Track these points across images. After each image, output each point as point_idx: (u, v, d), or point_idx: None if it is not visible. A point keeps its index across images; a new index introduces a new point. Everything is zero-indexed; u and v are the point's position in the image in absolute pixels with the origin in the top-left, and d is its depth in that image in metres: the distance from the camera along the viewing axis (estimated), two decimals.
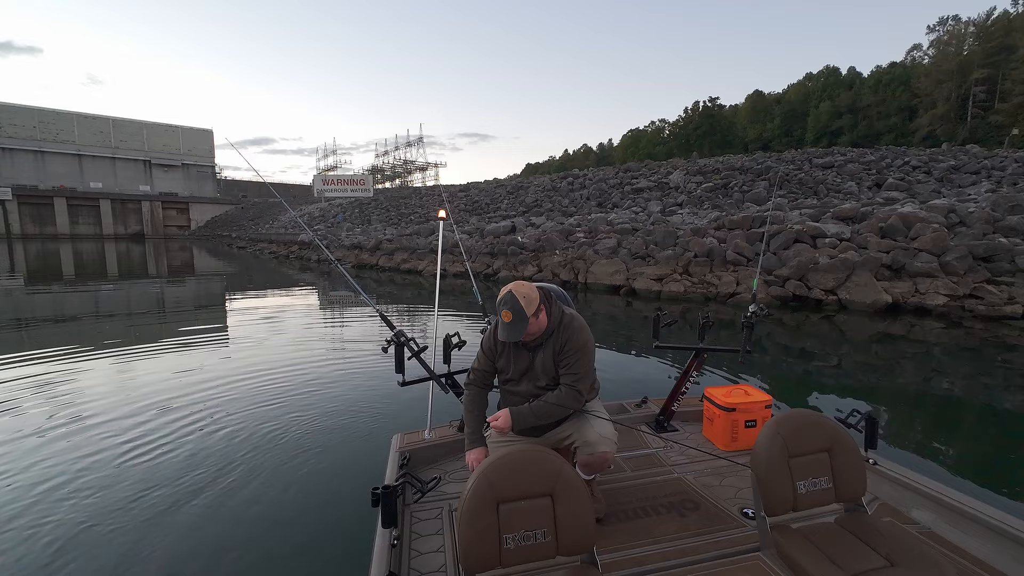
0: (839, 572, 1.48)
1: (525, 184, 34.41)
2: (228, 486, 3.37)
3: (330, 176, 70.06)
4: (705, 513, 2.16)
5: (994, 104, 45.57)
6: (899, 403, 5.25)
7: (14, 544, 2.80)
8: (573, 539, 1.49)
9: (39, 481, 3.48)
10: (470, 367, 2.23)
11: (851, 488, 1.73)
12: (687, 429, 3.11)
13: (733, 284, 10.88)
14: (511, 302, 1.92)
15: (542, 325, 2.01)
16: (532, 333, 1.99)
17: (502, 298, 1.96)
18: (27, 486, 3.42)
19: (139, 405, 4.92)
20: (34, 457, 3.85)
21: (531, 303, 1.92)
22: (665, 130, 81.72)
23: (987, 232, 10.72)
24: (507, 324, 1.92)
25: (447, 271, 16.05)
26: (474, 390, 2.17)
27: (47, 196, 67.34)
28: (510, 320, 1.91)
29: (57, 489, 3.37)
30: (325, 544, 2.73)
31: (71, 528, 2.93)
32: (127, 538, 2.85)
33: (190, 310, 12.10)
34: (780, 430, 1.71)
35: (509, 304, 1.92)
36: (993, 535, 1.76)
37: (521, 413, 1.99)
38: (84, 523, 2.97)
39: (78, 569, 2.58)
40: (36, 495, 3.31)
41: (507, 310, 1.92)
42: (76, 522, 2.99)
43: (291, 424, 4.42)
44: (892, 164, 22.43)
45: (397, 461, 2.46)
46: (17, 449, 3.99)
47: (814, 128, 58.42)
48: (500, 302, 1.97)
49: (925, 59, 55.22)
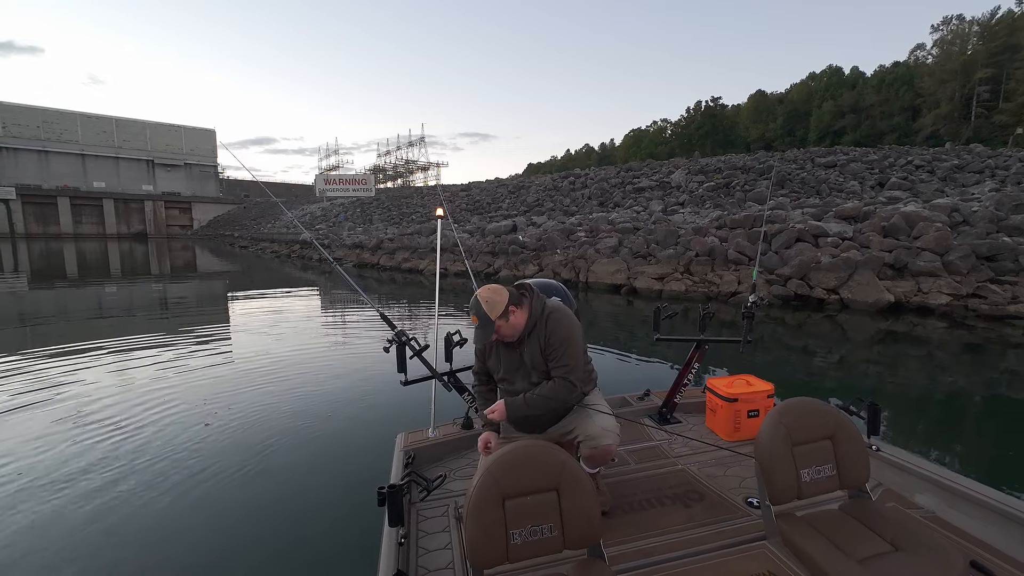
0: (845, 558, 1.48)
1: (527, 183, 34.41)
2: (233, 486, 3.38)
3: (332, 176, 70.24)
4: (710, 504, 2.16)
5: (998, 104, 45.38)
6: (901, 395, 5.25)
7: (18, 540, 2.82)
8: (579, 533, 1.49)
9: (39, 477, 3.51)
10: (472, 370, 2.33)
11: (855, 475, 1.73)
12: (690, 420, 3.11)
13: (734, 283, 10.86)
14: (476, 307, 2.00)
15: (518, 323, 2.02)
16: (507, 334, 2.03)
17: (470, 303, 2.05)
18: (26, 484, 3.44)
19: (142, 405, 4.93)
20: (34, 455, 3.88)
21: (495, 307, 1.97)
22: (667, 130, 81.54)
23: (991, 231, 10.68)
24: (476, 328, 2.03)
25: (448, 270, 16.06)
26: (480, 390, 2.31)
27: (51, 196, 67.61)
28: (477, 324, 2.01)
29: (58, 488, 3.39)
30: (332, 543, 2.74)
31: (76, 526, 2.95)
32: (132, 536, 2.86)
33: (192, 310, 12.13)
34: (783, 419, 1.71)
35: (475, 309, 2.01)
36: (997, 518, 1.76)
37: (514, 403, 2.02)
38: (89, 521, 2.99)
39: (82, 568, 2.59)
40: (35, 494, 3.33)
41: (473, 314, 2.01)
42: (81, 520, 3.00)
43: (294, 424, 4.42)
44: (895, 163, 22.36)
45: (402, 460, 2.46)
46: (17, 448, 4.02)
47: (817, 128, 58.24)
48: (469, 307, 2.05)
49: (929, 58, 55.00)
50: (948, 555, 1.45)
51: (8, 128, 69.17)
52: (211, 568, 2.58)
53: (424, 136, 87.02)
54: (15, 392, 5.28)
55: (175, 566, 2.59)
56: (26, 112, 71.31)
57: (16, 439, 4.13)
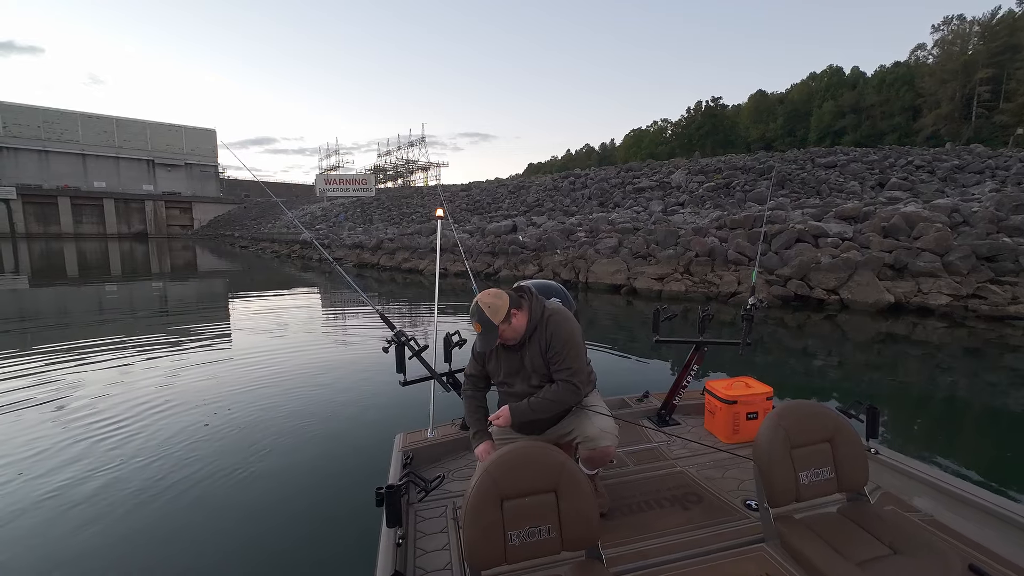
0: (843, 561, 1.48)
1: (527, 184, 34.41)
2: (231, 486, 3.38)
3: (332, 176, 70.19)
4: (708, 506, 2.16)
5: (999, 104, 45.33)
6: (900, 396, 5.24)
7: (19, 540, 2.82)
8: (577, 534, 1.49)
9: (39, 476, 3.51)
10: (464, 372, 2.27)
11: (853, 478, 1.73)
12: (689, 422, 3.11)
13: (734, 283, 10.85)
14: (478, 313, 1.97)
15: (519, 326, 2.02)
16: (510, 338, 2.02)
17: (471, 310, 2.02)
18: (26, 483, 3.44)
19: (141, 404, 4.93)
20: (33, 454, 3.88)
21: (497, 311, 1.95)
22: (667, 130, 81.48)
23: (991, 232, 10.67)
24: (479, 335, 2.00)
25: (448, 270, 16.07)
26: (470, 393, 2.22)
27: (51, 195, 67.62)
28: (481, 331, 1.98)
29: (57, 488, 3.39)
30: (330, 544, 2.73)
31: (75, 526, 2.94)
32: (130, 535, 2.86)
33: (191, 310, 12.13)
34: (781, 421, 1.71)
35: (477, 315, 1.97)
36: (995, 521, 1.76)
37: (519, 409, 2.01)
38: (88, 521, 2.99)
39: (81, 567, 2.59)
40: (34, 493, 3.33)
41: (476, 321, 1.98)
42: (80, 520, 3.00)
43: (293, 425, 4.42)
44: (895, 164, 22.34)
45: (400, 460, 2.46)
46: (17, 447, 4.02)
47: (817, 128, 58.21)
48: (470, 314, 2.03)
49: (929, 59, 54.93)
50: (946, 558, 1.45)
51: (9, 128, 69.19)
52: (209, 567, 2.58)
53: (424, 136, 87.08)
54: (15, 391, 5.28)
55: (174, 565, 2.59)
56: (27, 112, 71.34)
57: (16, 438, 4.13)
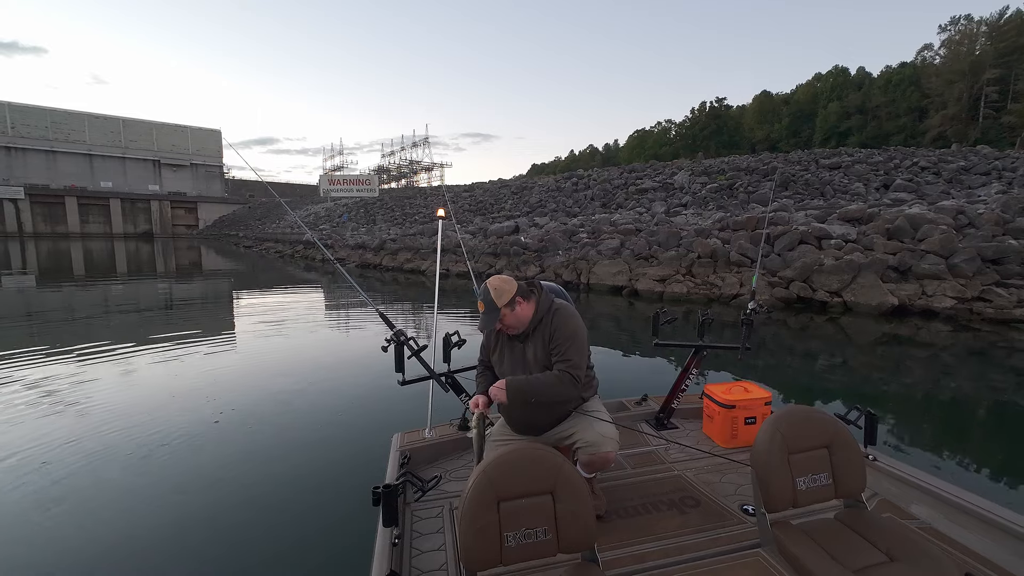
0: (839, 568, 1.47)
1: (529, 185, 34.42)
2: (228, 484, 3.40)
3: (336, 176, 70.54)
4: (705, 510, 2.16)
5: (1007, 104, 45.01)
6: (901, 401, 5.21)
7: (19, 540, 2.84)
8: (574, 537, 1.49)
9: (39, 476, 3.54)
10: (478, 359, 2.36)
11: (851, 484, 1.72)
12: (687, 426, 3.10)
13: (736, 285, 10.81)
14: (484, 294, 2.07)
15: (523, 315, 2.07)
16: (510, 324, 2.07)
17: (479, 290, 2.11)
18: (29, 483, 3.47)
19: (141, 402, 4.96)
20: (37, 453, 3.91)
21: (502, 295, 2.03)
22: (671, 131, 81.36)
23: (996, 234, 10.57)
24: (481, 314, 2.08)
25: (449, 271, 16.08)
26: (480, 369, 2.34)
27: (58, 195, 68.12)
28: (483, 310, 2.07)
29: (58, 487, 3.41)
30: (326, 543, 2.74)
31: (75, 526, 2.96)
32: (129, 535, 2.87)
33: (195, 309, 12.20)
34: (780, 427, 1.70)
35: (482, 295, 2.07)
36: (992, 530, 1.75)
37: (516, 380, 1.99)
38: (87, 521, 3.00)
39: (81, 567, 2.61)
40: (37, 492, 3.35)
41: (480, 300, 2.08)
42: (80, 520, 3.02)
43: (291, 423, 4.44)
44: (900, 165, 22.21)
45: (397, 460, 2.46)
46: (21, 446, 4.05)
47: (822, 129, 57.98)
48: (478, 294, 2.12)
49: (936, 59, 54.59)
50: (943, 566, 1.44)
51: (17, 128, 69.77)
52: (206, 567, 2.59)
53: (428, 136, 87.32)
54: (21, 389, 5.33)
55: (172, 565, 2.60)
56: (34, 112, 71.92)
57: (21, 436, 4.16)
